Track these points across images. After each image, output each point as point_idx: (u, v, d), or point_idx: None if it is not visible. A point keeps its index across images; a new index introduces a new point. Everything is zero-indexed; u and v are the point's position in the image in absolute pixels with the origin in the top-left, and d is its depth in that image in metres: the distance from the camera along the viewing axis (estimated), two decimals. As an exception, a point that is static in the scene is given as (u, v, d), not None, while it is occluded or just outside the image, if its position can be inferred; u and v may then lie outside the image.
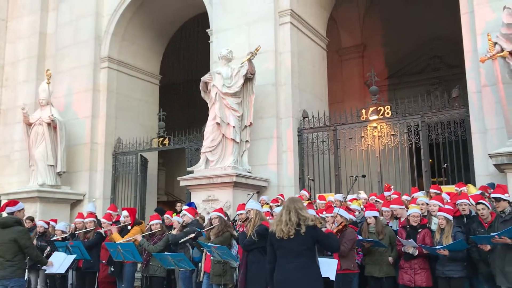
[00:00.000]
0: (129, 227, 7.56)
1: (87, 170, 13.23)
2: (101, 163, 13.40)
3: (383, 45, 16.99)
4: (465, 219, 6.38)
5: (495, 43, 8.00)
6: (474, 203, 6.37)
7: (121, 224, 7.71)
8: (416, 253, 5.98)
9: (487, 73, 8.58)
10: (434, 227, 6.18)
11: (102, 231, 7.81)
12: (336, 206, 7.64)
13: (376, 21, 17.01)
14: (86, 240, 7.66)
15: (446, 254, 5.66)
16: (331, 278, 4.84)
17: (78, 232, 7.94)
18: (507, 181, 7.67)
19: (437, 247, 5.77)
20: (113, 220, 8.32)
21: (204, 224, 7.48)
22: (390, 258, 6.32)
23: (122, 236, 7.27)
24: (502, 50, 7.90)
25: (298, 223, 4.19)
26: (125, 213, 7.78)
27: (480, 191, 7.43)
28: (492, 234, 5.46)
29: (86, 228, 7.87)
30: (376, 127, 10.34)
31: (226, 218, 7.03)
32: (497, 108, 8.40)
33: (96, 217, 8.50)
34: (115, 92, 13.97)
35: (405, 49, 16.41)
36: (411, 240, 5.95)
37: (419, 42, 16.15)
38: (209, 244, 6.09)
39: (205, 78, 10.56)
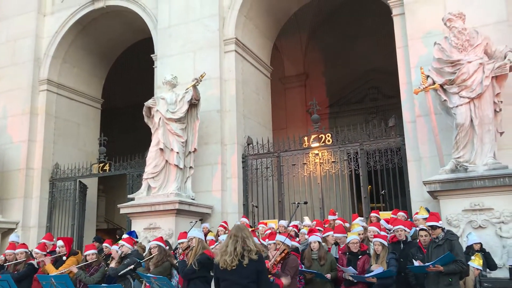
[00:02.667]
0: (64, 257, 7.21)
1: (21, 197, 12.59)
2: (37, 190, 12.80)
3: (325, 75, 17.60)
4: (401, 244, 6.60)
5: (428, 76, 8.47)
6: (407, 229, 6.63)
7: (56, 255, 7.34)
8: (356, 280, 6.10)
9: (421, 104, 9.05)
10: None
11: (34, 262, 7.39)
12: (280, 233, 7.70)
13: (317, 51, 17.64)
14: (16, 272, 7.21)
15: (374, 282, 5.81)
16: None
17: (7, 264, 7.47)
18: (440, 207, 8.05)
19: (366, 275, 5.93)
20: (49, 250, 7.91)
21: (144, 254, 7.27)
22: (328, 275, 6.36)
23: (57, 268, 6.91)
24: (434, 82, 8.36)
25: (242, 254, 4.05)
26: (60, 243, 7.42)
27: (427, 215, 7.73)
28: (427, 264, 5.68)
29: (17, 260, 7.41)
30: (317, 154, 10.58)
31: (167, 247, 6.88)
32: (430, 137, 8.85)
33: (27, 247, 8.04)
34: (54, 116, 13.51)
35: (345, 79, 17.06)
36: (350, 267, 6.08)
37: (358, 73, 16.85)
38: (148, 275, 5.92)
39: (148, 103, 10.45)
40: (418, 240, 6.37)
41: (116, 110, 18.45)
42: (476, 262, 6.42)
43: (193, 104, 10.33)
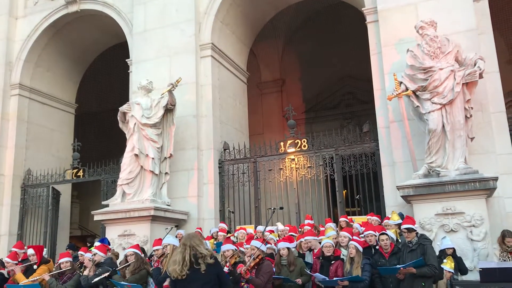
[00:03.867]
0: (35, 266, 7.03)
1: (-8, 204, 12.27)
2: (8, 197, 12.51)
3: (301, 81, 17.72)
4: (372, 250, 6.66)
5: (401, 83, 8.62)
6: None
7: (27, 263, 7.16)
8: (327, 285, 6.13)
9: (394, 109, 9.20)
10: (345, 258, 6.39)
11: (5, 271, 7.20)
12: (257, 237, 7.69)
13: (294, 57, 17.76)
14: (-15, 282, 7.01)
15: (346, 285, 5.85)
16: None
17: (-24, 273, 7.26)
18: (413, 212, 8.17)
19: (335, 278, 5.98)
20: (20, 259, 7.70)
21: (119, 261, 7.15)
22: (299, 280, 6.37)
23: (27, 277, 6.74)
24: (407, 89, 8.51)
25: (196, 261, 4.02)
26: (30, 251, 7.24)
27: (400, 220, 7.83)
28: (398, 266, 5.76)
29: (-14, 269, 7.22)
30: (293, 159, 10.64)
31: (142, 255, 6.80)
32: (404, 143, 9.00)
33: (-3, 256, 7.84)
34: (26, 121, 13.24)
35: (320, 85, 17.21)
36: (317, 273, 6.12)
37: (333, 79, 17.03)
38: (122, 283, 5.83)
39: (123, 108, 10.32)
40: (378, 246, 6.43)
41: (91, 115, 18.18)
42: (448, 265, 6.54)
43: (169, 109, 10.27)
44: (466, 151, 8.12)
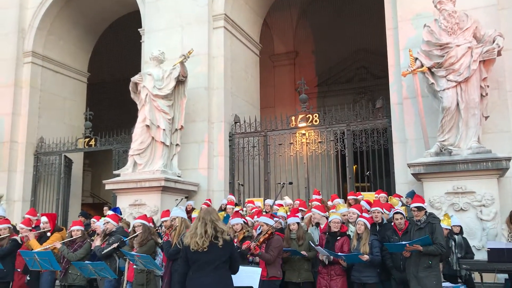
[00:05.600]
0: (48, 233, 7.18)
1: (5, 170, 12.46)
2: (21, 164, 12.67)
3: (314, 53, 17.49)
4: (377, 226, 6.67)
5: (416, 59, 8.46)
6: (386, 211, 6.71)
7: (40, 230, 7.30)
8: (327, 262, 6.17)
9: (408, 86, 9.06)
10: (352, 235, 6.41)
11: (18, 237, 7.35)
12: (266, 211, 7.75)
13: (308, 29, 17.47)
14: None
15: (368, 259, 5.88)
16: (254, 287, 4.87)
17: (-9, 239, 7.42)
18: (423, 190, 8.15)
19: (340, 254, 6.02)
20: (33, 226, 7.86)
21: (128, 231, 7.27)
22: (303, 252, 6.44)
23: (41, 244, 6.89)
24: (422, 65, 8.37)
25: (215, 235, 4.10)
26: (44, 219, 7.37)
27: (401, 203, 7.84)
28: (404, 242, 5.78)
29: (0, 235, 7.36)
30: (304, 134, 10.59)
31: (151, 225, 6.88)
32: (416, 120, 8.90)
33: (10, 222, 7.97)
34: (39, 89, 13.28)
35: (334, 58, 16.98)
36: (319, 247, 6.15)
37: (347, 52, 16.79)
38: (132, 253, 5.93)
39: (135, 78, 10.31)
40: (393, 223, 6.44)
41: (103, 84, 18.20)
42: (445, 222, 6.58)
43: (180, 81, 10.22)
44: (479, 130, 8.02)
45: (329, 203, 8.42)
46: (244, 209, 8.62)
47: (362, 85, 16.72)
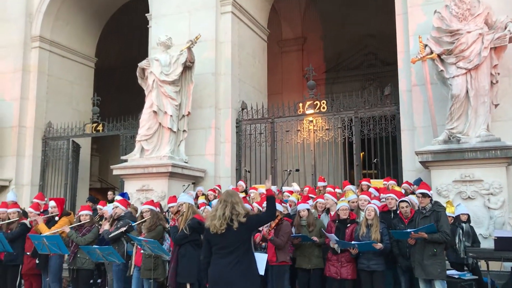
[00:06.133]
0: (56, 218, 7.25)
1: (14, 155, 12.55)
2: (30, 148, 12.75)
3: (323, 39, 17.32)
4: (392, 214, 6.67)
5: (426, 45, 8.35)
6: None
7: (48, 215, 7.38)
8: (339, 251, 6.19)
9: (417, 73, 8.97)
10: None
11: (27, 221, 7.44)
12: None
13: (316, 15, 17.28)
14: (9, 231, 7.26)
15: (381, 248, 5.89)
16: (260, 273, 4.89)
17: (1, 223, 7.51)
18: (431, 177, 8.11)
19: (353, 242, 6.03)
20: (41, 210, 7.95)
21: (136, 216, 7.33)
22: (315, 238, 6.47)
23: (49, 228, 6.96)
24: (432, 52, 8.26)
25: (231, 218, 4.14)
26: (52, 203, 7.43)
27: (403, 191, 7.82)
28: (409, 230, 5.78)
29: (9, 219, 7.46)
30: (312, 121, 10.56)
31: (158, 210, 6.93)
32: (425, 107, 8.82)
33: (19, 207, 8.06)
34: (46, 74, 13.30)
35: (342, 44, 16.81)
36: (332, 234, 6.17)
37: (356, 38, 16.60)
38: (139, 238, 5.98)
39: (142, 64, 10.29)
40: (398, 211, 6.43)
41: (110, 69, 18.18)
42: (448, 210, 6.57)
43: (188, 67, 10.19)
44: (489, 117, 7.95)
45: (338, 190, 8.42)
46: (252, 195, 8.63)
47: (370, 71, 16.57)
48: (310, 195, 7.81)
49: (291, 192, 8.30)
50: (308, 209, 6.75)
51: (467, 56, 7.90)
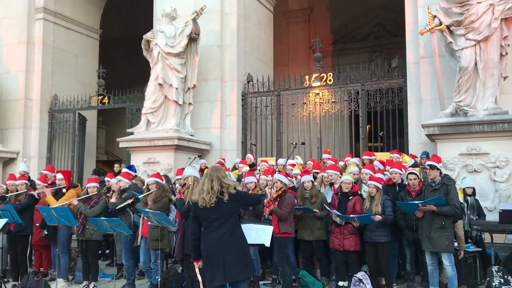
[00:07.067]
0: (64, 190, 7.33)
1: (21, 127, 12.61)
2: (36, 121, 12.79)
3: (329, 10, 17.03)
4: (397, 187, 6.69)
5: (435, 16, 8.20)
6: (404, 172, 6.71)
7: (56, 187, 7.46)
8: (343, 223, 6.25)
9: (426, 45, 8.84)
10: (364, 194, 6.45)
11: (35, 193, 7.53)
12: (279, 170, 7.80)
13: (323, -16, 16.96)
14: (17, 202, 7.37)
15: (380, 219, 5.93)
16: (266, 245, 4.96)
17: (9, 195, 7.61)
18: (437, 151, 8.09)
19: (352, 216, 6.09)
20: (50, 182, 8.03)
21: (143, 188, 7.40)
22: (316, 210, 6.53)
23: (57, 200, 7.05)
24: (441, 23, 8.12)
25: (221, 191, 4.18)
26: (59, 175, 7.51)
27: (413, 161, 7.83)
28: (416, 202, 5.79)
29: (17, 191, 7.55)
30: (318, 94, 10.48)
31: (164, 182, 6.99)
32: (432, 80, 8.74)
33: (29, 178, 8.15)
34: (51, 46, 13.21)
35: (349, 15, 16.53)
36: (335, 210, 6.22)
37: (363, 9, 16.28)
38: (146, 209, 6.05)
39: (147, 36, 10.20)
40: (406, 184, 6.45)
41: (115, 41, 18.03)
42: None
43: (193, 39, 10.09)
44: (497, 90, 7.87)
45: (341, 163, 8.44)
46: (259, 168, 8.67)
47: (378, 43, 16.34)
48: (314, 170, 7.83)
49: (293, 166, 8.32)
50: (312, 181, 6.80)
51: (477, 27, 7.76)
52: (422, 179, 6.72)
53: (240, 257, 4.20)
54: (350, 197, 6.37)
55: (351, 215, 6.13)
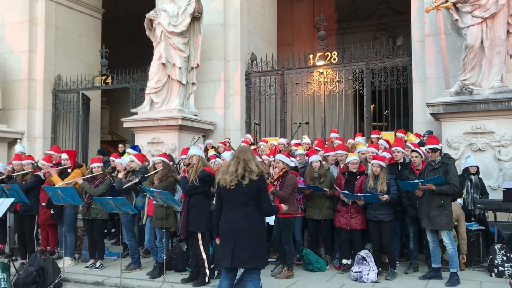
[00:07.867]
0: (69, 170, 7.37)
1: (25, 107, 12.63)
2: (40, 101, 12.79)
3: (334, -12, 16.80)
4: (399, 166, 6.69)
5: (441, -7, 8.09)
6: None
7: (61, 167, 7.50)
8: (350, 203, 6.27)
9: (431, 23, 8.75)
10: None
11: (41, 173, 7.58)
12: (280, 151, 7.79)
13: (327, -39, 16.68)
14: (23, 182, 7.42)
15: (387, 199, 5.95)
16: (270, 223, 5.00)
17: (15, 174, 7.67)
18: (441, 129, 8.07)
19: (359, 194, 6.11)
20: (55, 162, 8.07)
21: (148, 167, 7.42)
22: (326, 189, 6.56)
23: (62, 179, 7.10)
24: (447, 0, 8.00)
25: (243, 175, 4.17)
26: (64, 155, 7.53)
27: (418, 139, 7.80)
28: (416, 181, 5.80)
29: (23, 170, 7.60)
30: (322, 73, 10.42)
31: (170, 163, 7.01)
32: (438, 58, 8.66)
33: (33, 159, 8.19)
34: (54, 26, 13.13)
35: (355, -8, 16.31)
36: (345, 191, 6.23)
37: (369, -14, 16.08)
38: (151, 189, 6.09)
39: (150, 15, 10.12)
40: (410, 162, 6.46)
41: (118, 20, 17.90)
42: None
43: (196, 17, 10.01)
44: (503, 68, 7.81)
45: (350, 141, 8.43)
46: (262, 147, 8.67)
47: (382, 21, 16.14)
48: (317, 148, 7.82)
49: (298, 145, 8.30)
50: (320, 161, 6.80)
51: (484, 4, 7.65)
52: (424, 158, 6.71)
53: (253, 244, 4.15)
54: (358, 176, 6.38)
55: (358, 194, 6.14)
